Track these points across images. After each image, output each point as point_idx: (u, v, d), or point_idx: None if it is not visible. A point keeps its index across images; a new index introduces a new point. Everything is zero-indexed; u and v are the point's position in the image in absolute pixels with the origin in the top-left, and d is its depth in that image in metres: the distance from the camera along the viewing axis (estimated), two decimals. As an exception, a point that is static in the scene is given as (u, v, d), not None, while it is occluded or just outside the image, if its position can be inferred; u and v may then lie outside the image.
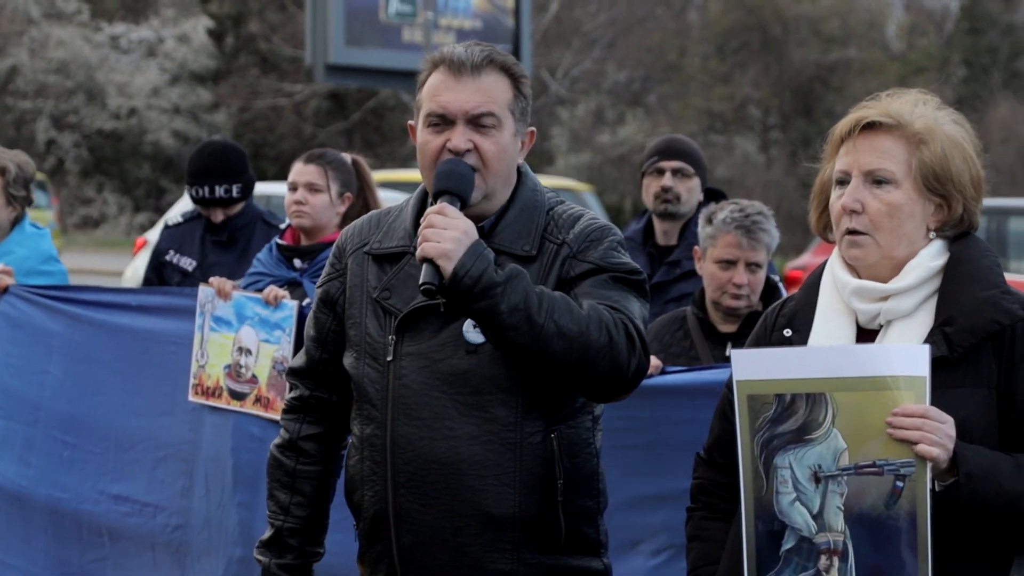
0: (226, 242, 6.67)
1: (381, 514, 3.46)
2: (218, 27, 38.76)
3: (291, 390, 3.73)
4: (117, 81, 37.69)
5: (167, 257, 6.74)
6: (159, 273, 6.77)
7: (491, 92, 3.42)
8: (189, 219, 6.82)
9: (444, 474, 3.38)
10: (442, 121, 3.42)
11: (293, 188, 5.89)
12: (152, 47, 38.88)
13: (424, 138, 3.45)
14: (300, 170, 5.91)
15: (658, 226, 6.11)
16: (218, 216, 6.67)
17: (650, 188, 6.02)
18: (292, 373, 3.72)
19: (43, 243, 6.43)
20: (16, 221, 6.37)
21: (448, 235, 3.23)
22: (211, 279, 5.67)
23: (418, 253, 3.27)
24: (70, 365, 5.93)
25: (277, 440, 3.72)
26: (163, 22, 39.92)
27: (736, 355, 3.10)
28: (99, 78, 37.78)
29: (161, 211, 29.96)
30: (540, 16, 35.89)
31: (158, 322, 5.78)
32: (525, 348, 3.24)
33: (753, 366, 3.06)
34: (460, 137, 3.40)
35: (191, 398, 5.61)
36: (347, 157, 6.03)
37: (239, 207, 6.68)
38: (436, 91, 3.43)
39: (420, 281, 3.26)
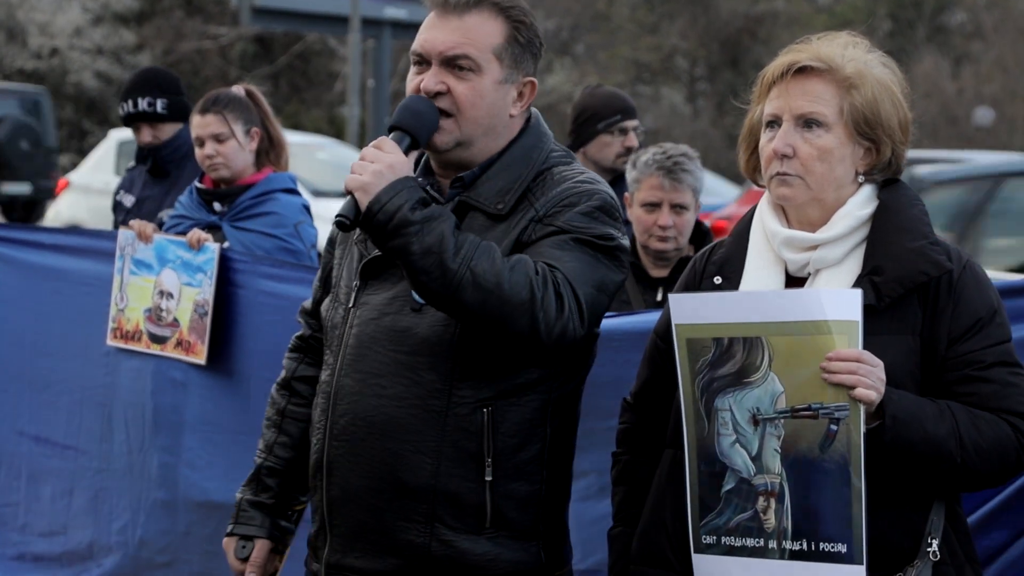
0: (154, 171, 6.59)
1: (318, 463, 3.38)
2: (142, -33, 38.24)
3: (300, 329, 3.67)
4: (38, 20, 37.09)
5: (117, 197, 6.77)
6: (114, 212, 6.78)
7: (473, 33, 3.26)
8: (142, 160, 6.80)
9: (370, 432, 3.26)
10: (421, 60, 3.31)
11: (200, 143, 5.77)
12: (74, -14, 38.27)
13: (409, 77, 3.35)
14: (200, 123, 5.76)
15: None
16: (145, 136, 6.58)
17: (612, 146, 6.01)
18: (301, 312, 3.66)
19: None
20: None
21: (371, 168, 3.11)
22: (131, 222, 5.63)
23: (344, 184, 3.18)
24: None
25: (278, 377, 3.66)
26: (86, -39, 39.33)
27: (674, 299, 3.09)
28: (20, 17, 37.17)
29: (83, 153, 29.54)
30: (469, -38, 35.62)
31: (73, 263, 5.73)
32: (438, 295, 3.09)
33: (691, 310, 3.05)
34: (431, 78, 3.26)
35: (109, 342, 5.57)
36: (239, 90, 5.90)
37: (168, 132, 6.57)
38: (421, 29, 3.33)
39: (336, 213, 3.14)
